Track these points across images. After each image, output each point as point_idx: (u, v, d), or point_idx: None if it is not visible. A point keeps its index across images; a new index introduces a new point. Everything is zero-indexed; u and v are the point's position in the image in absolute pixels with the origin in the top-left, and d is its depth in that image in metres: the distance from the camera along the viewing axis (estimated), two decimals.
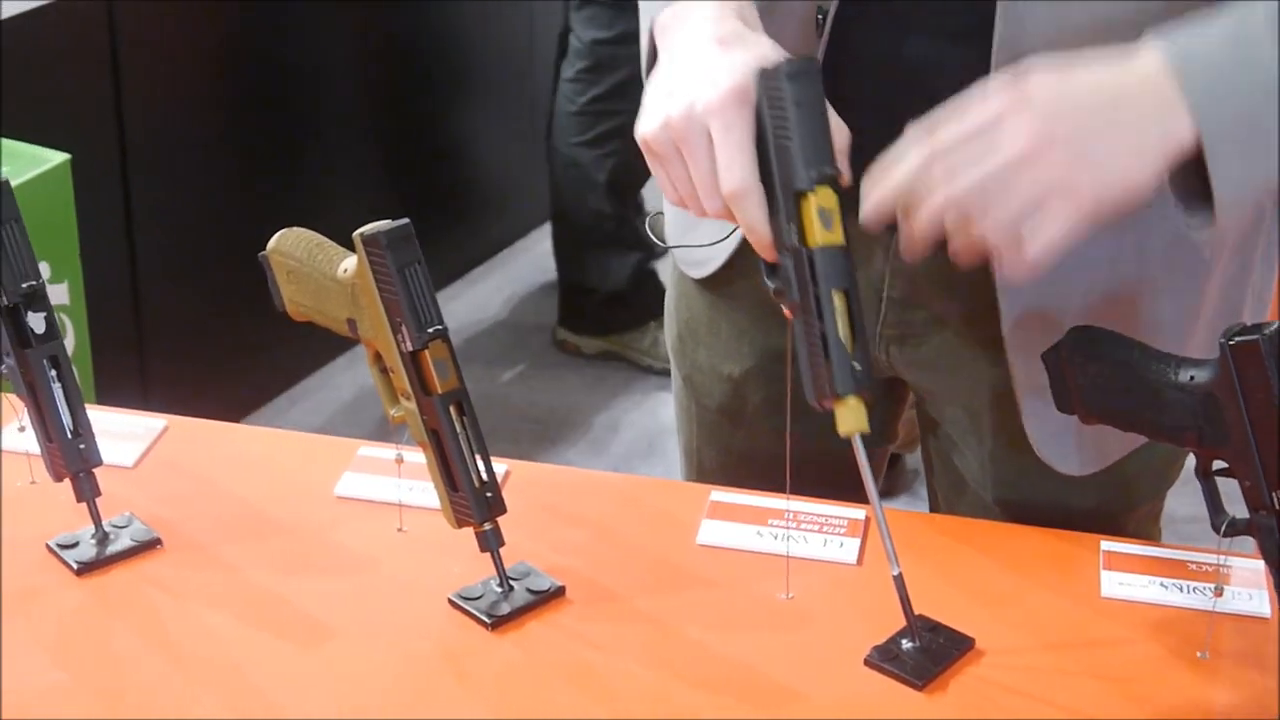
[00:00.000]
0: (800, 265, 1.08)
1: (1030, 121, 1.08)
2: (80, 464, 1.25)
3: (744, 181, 1.10)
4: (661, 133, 1.12)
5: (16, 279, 1.21)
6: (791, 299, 1.09)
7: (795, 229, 1.08)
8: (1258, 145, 1.10)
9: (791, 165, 1.08)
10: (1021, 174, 1.08)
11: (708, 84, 1.11)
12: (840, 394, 1.07)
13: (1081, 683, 1.15)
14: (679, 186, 1.14)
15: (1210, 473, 1.13)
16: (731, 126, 1.10)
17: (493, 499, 1.19)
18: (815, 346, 1.08)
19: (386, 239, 1.15)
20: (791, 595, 1.24)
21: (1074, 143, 1.08)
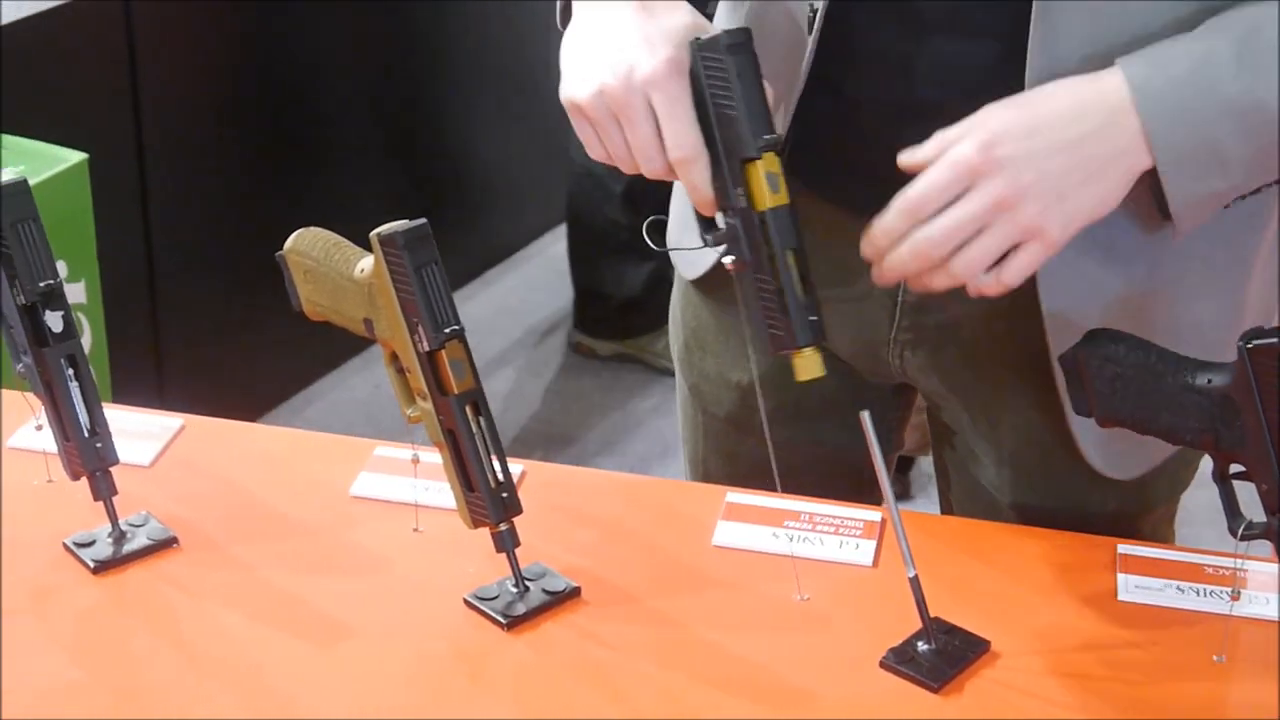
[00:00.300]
0: (750, 227, 1.15)
1: (999, 179, 1.13)
2: (97, 463, 1.25)
3: (693, 149, 1.16)
4: (597, 99, 1.17)
5: (34, 278, 1.21)
6: (741, 257, 1.16)
7: (744, 193, 1.14)
8: (1213, 167, 1.16)
9: (738, 135, 1.14)
10: (992, 224, 1.14)
11: (644, 53, 1.15)
12: (800, 345, 1.15)
13: (1097, 686, 1.15)
14: (613, 149, 1.19)
15: (1227, 476, 1.13)
16: (676, 98, 1.15)
17: (508, 499, 1.19)
18: (770, 302, 1.15)
19: (404, 239, 1.15)
20: (807, 597, 1.24)
21: (1043, 194, 1.14)
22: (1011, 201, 1.13)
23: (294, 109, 3.29)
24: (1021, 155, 1.13)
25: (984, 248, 1.15)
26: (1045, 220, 1.14)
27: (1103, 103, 1.15)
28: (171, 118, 2.98)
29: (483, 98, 3.81)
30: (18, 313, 1.22)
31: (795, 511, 1.32)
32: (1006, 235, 1.14)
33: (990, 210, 1.13)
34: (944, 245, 1.15)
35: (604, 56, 1.17)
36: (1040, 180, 1.13)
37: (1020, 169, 1.13)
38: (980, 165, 1.13)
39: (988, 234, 1.14)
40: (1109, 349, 1.15)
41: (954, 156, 1.14)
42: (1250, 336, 1.08)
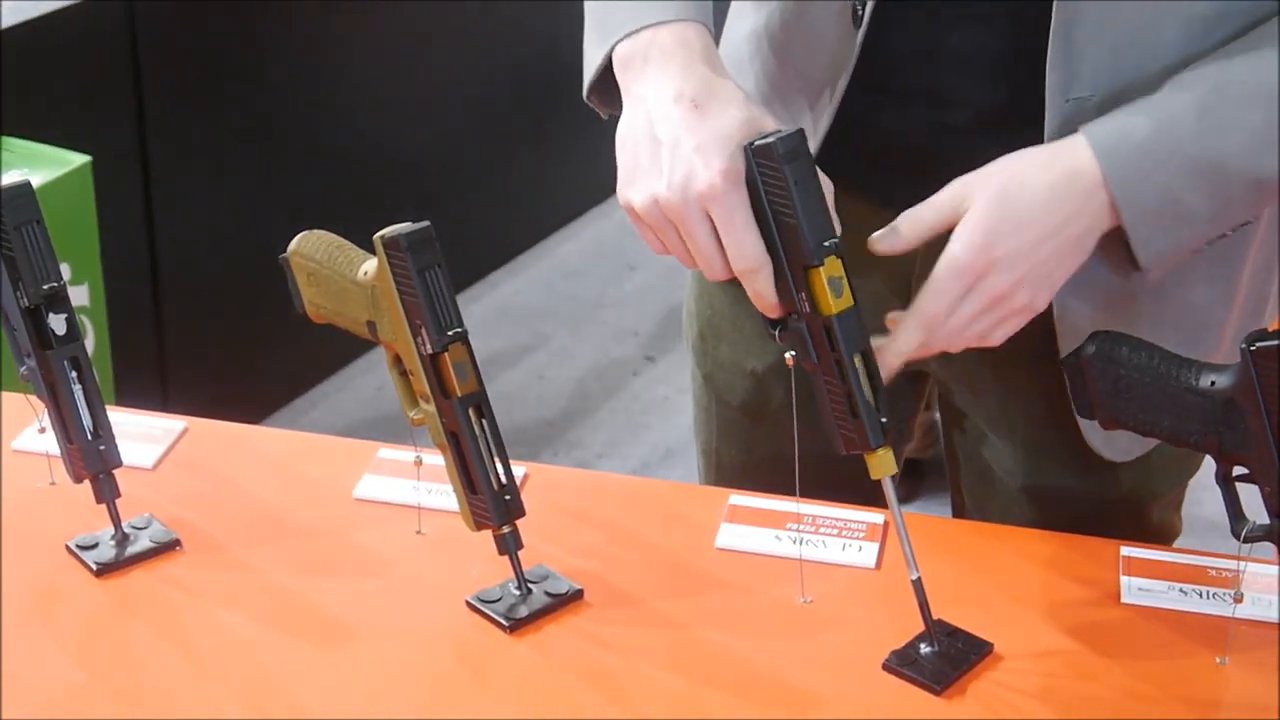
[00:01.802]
0: (817, 332, 1.15)
1: (998, 278, 1.18)
2: (100, 465, 1.25)
3: (755, 259, 1.15)
4: (652, 209, 1.17)
5: (38, 280, 1.21)
6: (809, 360, 1.16)
7: (808, 299, 1.14)
8: (1178, 222, 1.21)
9: (800, 242, 1.13)
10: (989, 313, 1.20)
11: (699, 164, 1.14)
12: (873, 447, 1.15)
13: (1100, 689, 1.15)
14: (675, 252, 1.19)
15: (1231, 479, 1.13)
16: (735, 209, 1.14)
17: (511, 502, 1.19)
18: (840, 405, 1.15)
19: (407, 241, 1.15)
20: (810, 599, 1.24)
21: (1035, 280, 1.19)
22: (1009, 293, 1.19)
23: (297, 111, 3.29)
24: (1014, 252, 1.18)
25: (979, 331, 1.21)
26: (1034, 300, 1.21)
27: (1078, 184, 1.19)
28: (175, 120, 2.98)
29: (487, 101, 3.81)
30: (21, 315, 1.22)
31: (799, 514, 1.32)
32: (1001, 318, 1.21)
33: (990, 304, 1.19)
34: (947, 342, 1.21)
35: (657, 163, 1.16)
36: (1032, 269, 1.19)
37: (1015, 265, 1.18)
38: (982, 269, 1.18)
39: (982, 319, 1.21)
40: (1112, 351, 1.15)
41: (958, 267, 1.18)
42: (1253, 339, 1.08)
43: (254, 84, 3.20)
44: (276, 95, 3.25)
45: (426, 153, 3.68)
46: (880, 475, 1.16)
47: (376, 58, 3.48)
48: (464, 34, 3.70)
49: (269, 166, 3.25)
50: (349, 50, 3.41)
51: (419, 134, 3.65)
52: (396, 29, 3.51)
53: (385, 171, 3.56)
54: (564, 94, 3.65)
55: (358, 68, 3.43)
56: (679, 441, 3.31)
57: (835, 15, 1.30)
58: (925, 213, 1.20)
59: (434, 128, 3.69)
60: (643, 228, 1.19)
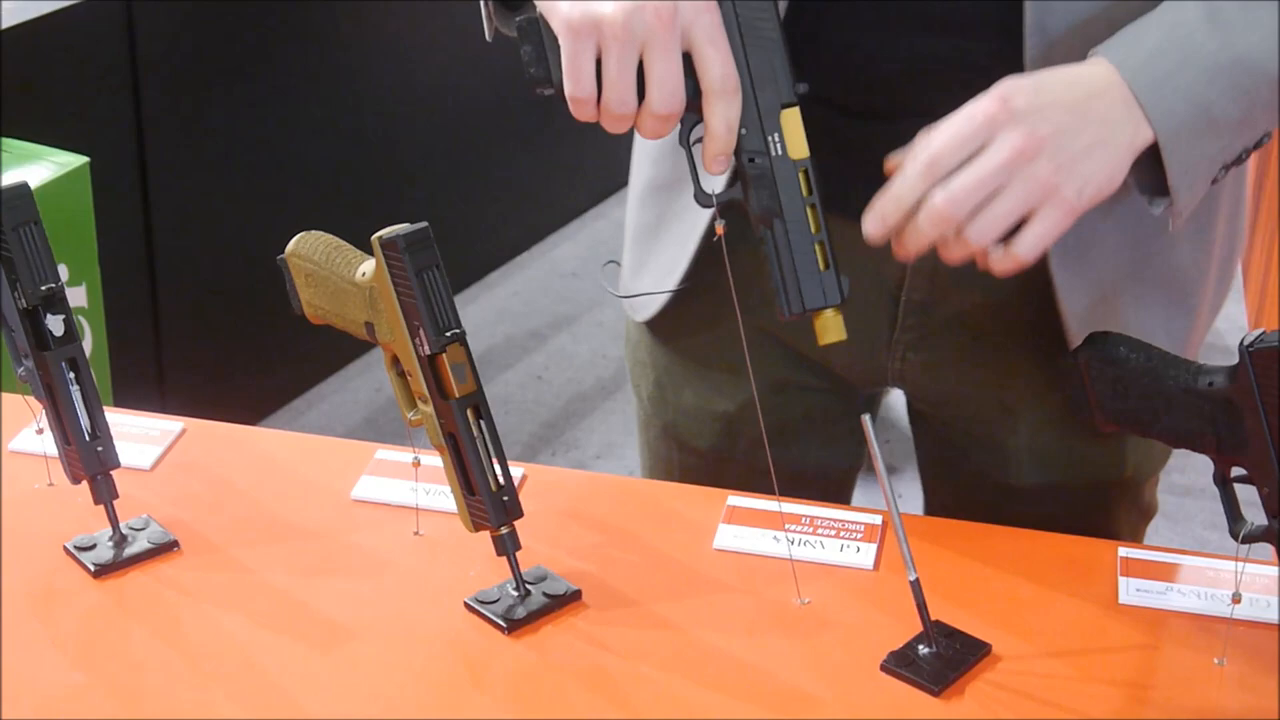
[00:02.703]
0: (789, 177, 1.12)
1: (1018, 129, 1.12)
2: (98, 466, 1.25)
3: (736, 80, 1.11)
4: (634, 15, 1.08)
5: (35, 281, 1.21)
6: (763, 210, 1.12)
7: (779, 141, 1.11)
8: (1205, 129, 1.16)
9: (777, 80, 1.11)
10: (1011, 181, 1.12)
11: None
12: (840, 301, 1.14)
13: (1099, 689, 1.15)
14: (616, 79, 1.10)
15: (1229, 479, 1.13)
16: (720, 26, 1.10)
17: (509, 503, 1.19)
18: (808, 258, 1.12)
19: (405, 242, 1.15)
20: (807, 600, 1.24)
21: (1058, 149, 1.12)
22: (1031, 152, 1.12)
23: (295, 112, 3.29)
24: (1035, 109, 1.13)
25: (1002, 208, 1.13)
26: (1061, 178, 1.12)
27: (1098, 76, 1.15)
28: (173, 121, 2.98)
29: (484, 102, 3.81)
30: (19, 316, 1.22)
31: (796, 515, 1.32)
32: (1025, 192, 1.12)
33: (1010, 161, 1.12)
34: (964, 204, 1.12)
35: None
36: (1056, 135, 1.12)
37: (1036, 121, 1.12)
38: (999, 115, 1.12)
39: (1005, 193, 1.12)
40: (1110, 351, 1.15)
41: (971, 110, 1.13)
42: (1251, 340, 1.08)
43: (252, 85, 3.20)
44: (275, 96, 3.25)
45: (425, 154, 3.68)
46: (828, 340, 1.14)
47: (375, 60, 3.48)
48: (463, 35, 3.70)
49: (267, 167, 3.25)
50: (347, 52, 3.41)
51: (417, 135, 3.65)
52: (395, 31, 3.51)
53: (383, 172, 3.56)
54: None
55: (356, 69, 3.43)
56: None
57: None
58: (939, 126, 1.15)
59: (433, 129, 3.69)
60: (587, 48, 1.09)
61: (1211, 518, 2.99)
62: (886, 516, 1.31)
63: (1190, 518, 3.03)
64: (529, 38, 1.14)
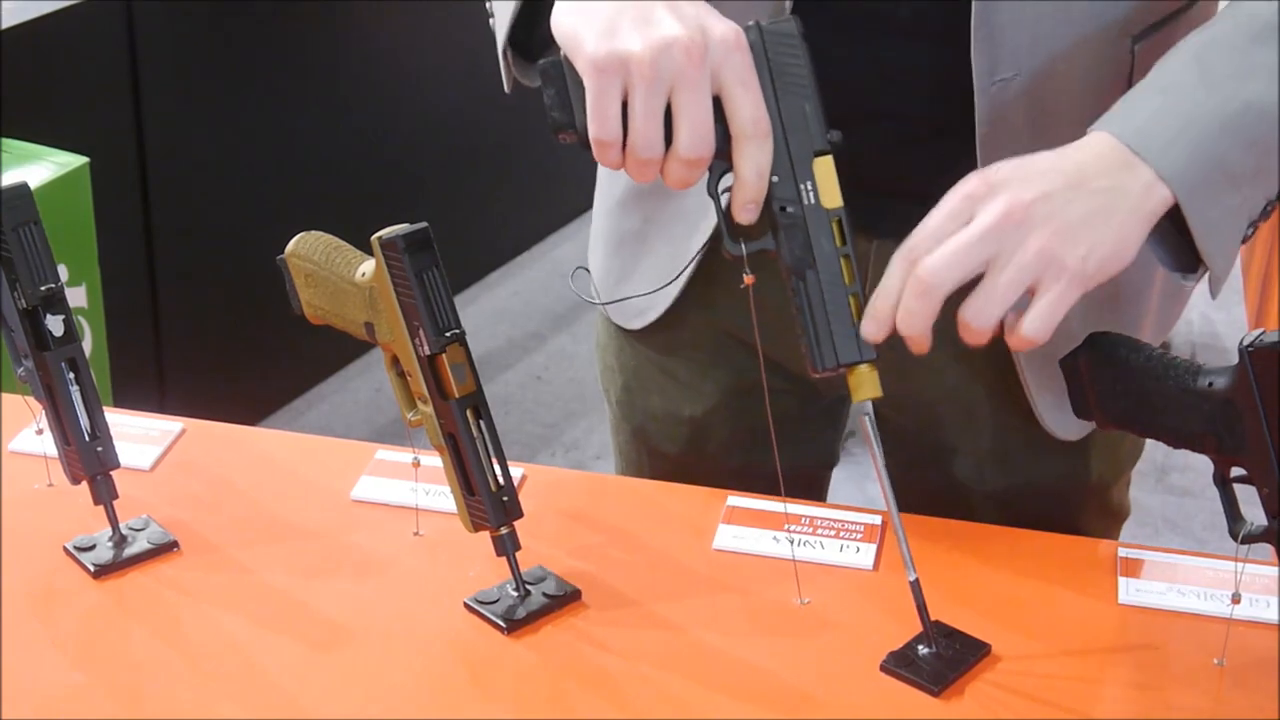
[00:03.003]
0: (819, 226, 1.08)
1: (1000, 197, 1.07)
2: (98, 466, 1.25)
3: (769, 124, 1.07)
4: (662, 54, 1.03)
5: (35, 281, 1.21)
6: (795, 260, 1.08)
7: (812, 189, 1.07)
8: (1227, 186, 1.12)
9: (809, 126, 1.08)
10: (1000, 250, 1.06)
11: (712, 18, 1.05)
12: (862, 359, 1.10)
13: (1098, 689, 1.15)
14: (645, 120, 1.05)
15: (1228, 480, 1.13)
16: (751, 66, 1.06)
17: (509, 503, 1.19)
18: (841, 310, 1.08)
19: (404, 243, 1.15)
20: (807, 600, 1.24)
21: (1049, 215, 1.07)
22: (1016, 217, 1.06)
23: (295, 113, 3.29)
24: (1018, 177, 1.08)
25: (999, 280, 1.06)
26: (1056, 244, 1.06)
27: (1089, 145, 1.12)
28: (173, 121, 2.98)
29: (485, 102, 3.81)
30: (18, 316, 1.22)
31: (796, 515, 1.33)
32: (1020, 263, 1.06)
33: (995, 226, 1.06)
34: (946, 271, 1.06)
35: (653, 16, 1.04)
36: (1043, 200, 1.07)
37: (1019, 188, 1.07)
38: (978, 190, 1.08)
39: (998, 265, 1.06)
40: (1110, 352, 1.15)
41: (951, 193, 1.09)
42: (1251, 339, 1.08)
43: (252, 85, 3.20)
44: (274, 96, 3.25)
45: (425, 154, 3.68)
46: (863, 397, 1.10)
47: (375, 60, 3.48)
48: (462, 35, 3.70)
49: (266, 168, 3.25)
50: (347, 52, 3.41)
51: (417, 135, 3.65)
52: (395, 31, 3.51)
53: (383, 172, 3.56)
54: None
55: (356, 69, 3.43)
56: None
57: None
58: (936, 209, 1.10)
59: (433, 129, 3.69)
60: (614, 86, 1.05)
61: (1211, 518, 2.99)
62: (886, 517, 1.31)
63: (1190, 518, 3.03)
64: (552, 81, 1.10)
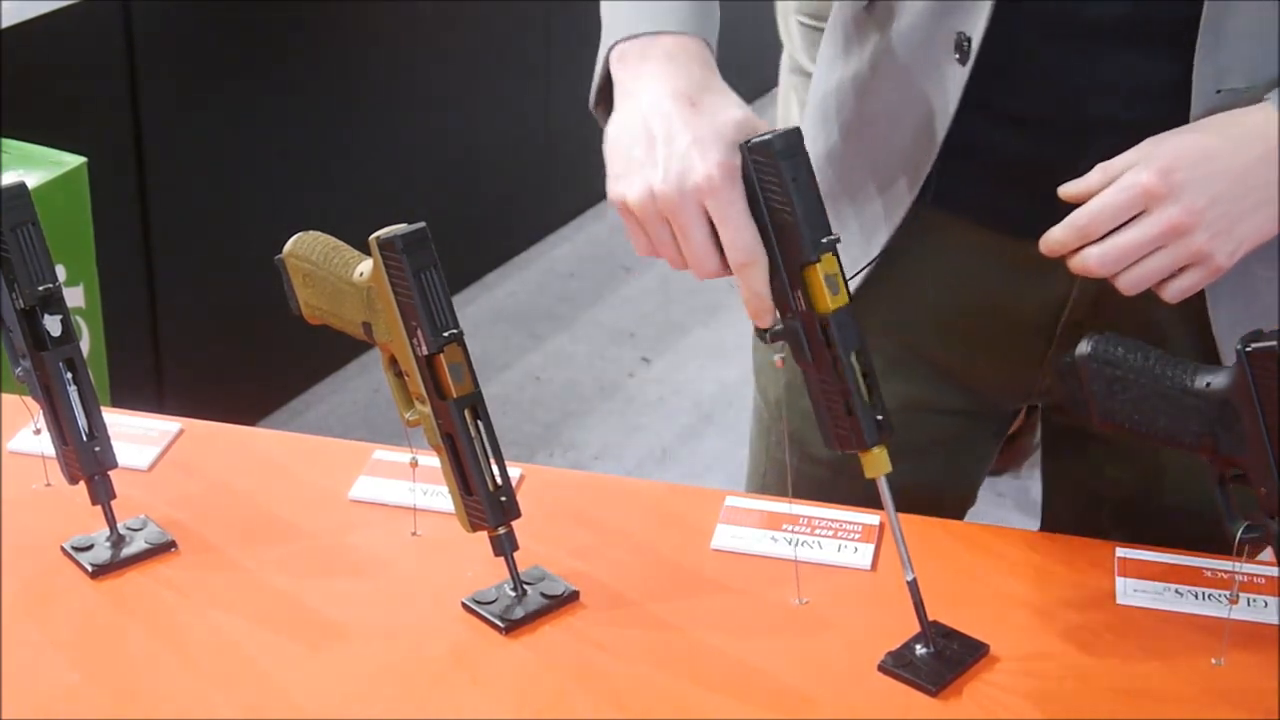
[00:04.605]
0: (813, 330, 1.13)
1: (1176, 205, 1.15)
2: (95, 467, 1.25)
3: (752, 253, 1.13)
4: (647, 203, 1.15)
5: (33, 281, 1.21)
6: (803, 359, 1.14)
7: (803, 297, 1.13)
8: None
9: (797, 239, 1.12)
10: (1163, 250, 1.17)
11: (696, 156, 1.13)
12: (869, 445, 1.14)
13: (1096, 690, 1.15)
14: (663, 251, 1.17)
15: (1226, 480, 1.13)
16: (731, 203, 1.13)
17: (507, 503, 1.19)
18: (835, 403, 1.14)
19: (402, 243, 1.15)
20: (805, 600, 1.24)
21: (1216, 218, 1.16)
22: (1186, 227, 1.15)
23: (293, 113, 3.29)
24: (1197, 182, 1.16)
25: (1152, 269, 1.17)
26: (1215, 246, 1.17)
27: (1268, 135, 1.17)
28: (171, 121, 2.98)
29: (482, 103, 3.81)
30: (16, 316, 1.22)
31: (794, 515, 1.33)
32: (1175, 259, 1.17)
33: (1164, 235, 1.16)
34: (1114, 265, 1.17)
35: (653, 157, 1.15)
36: (1213, 207, 1.16)
37: (1195, 196, 1.15)
38: (1157, 190, 1.15)
39: (1157, 256, 1.17)
40: (1108, 352, 1.15)
41: (1130, 181, 1.16)
42: (1249, 340, 1.08)
43: (250, 85, 3.20)
44: (273, 96, 3.24)
45: (423, 153, 3.68)
46: (875, 474, 1.15)
47: (374, 59, 3.48)
48: (462, 35, 3.70)
49: (265, 167, 3.25)
50: (346, 51, 3.41)
51: (416, 135, 3.65)
52: (394, 31, 3.51)
53: (382, 172, 3.56)
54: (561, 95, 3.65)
55: (355, 69, 3.43)
56: (675, 443, 3.31)
57: (926, 46, 1.28)
58: (1117, 161, 1.18)
59: (432, 129, 3.69)
60: (633, 225, 1.18)
61: None
62: (884, 517, 1.31)
63: None
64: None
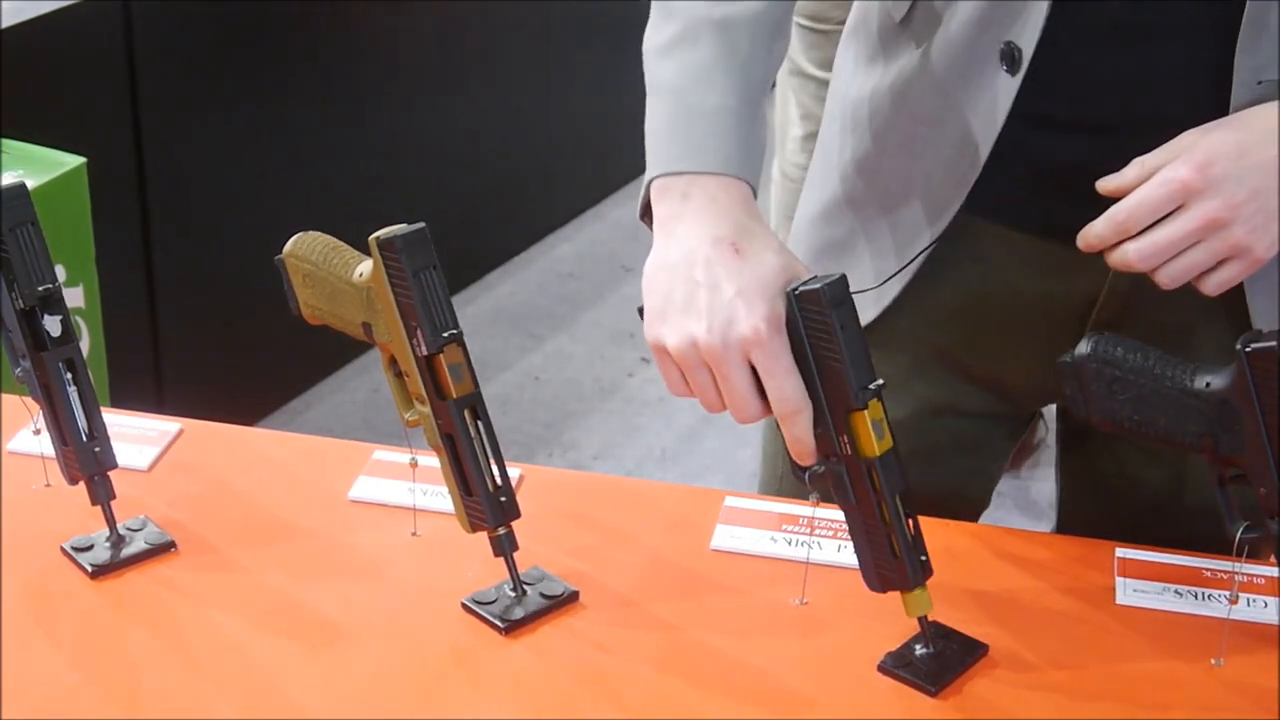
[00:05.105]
0: (858, 474, 1.13)
1: (1215, 200, 1.16)
2: (95, 467, 1.25)
3: (799, 403, 1.13)
4: (689, 351, 1.14)
5: (32, 282, 1.21)
6: (848, 503, 1.15)
7: (850, 441, 1.13)
8: None
9: (844, 386, 1.12)
10: (1202, 244, 1.17)
11: (742, 309, 1.13)
12: (912, 587, 1.15)
13: (1096, 690, 1.15)
14: (702, 395, 1.16)
15: (1226, 480, 1.13)
16: (779, 355, 1.13)
17: (507, 503, 1.19)
18: (879, 545, 1.15)
19: (402, 243, 1.15)
20: (805, 601, 1.24)
21: (1254, 213, 1.17)
22: (1224, 221, 1.16)
23: (293, 113, 3.29)
24: (1234, 175, 1.16)
25: (1191, 262, 1.18)
26: (1254, 240, 1.17)
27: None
28: (170, 121, 2.98)
29: (484, 103, 3.81)
30: (16, 317, 1.22)
31: (793, 515, 1.33)
32: (1214, 252, 1.18)
33: (1202, 229, 1.17)
34: (1154, 260, 1.18)
35: (695, 306, 1.14)
36: (1251, 200, 1.16)
37: (1233, 189, 1.16)
38: (1195, 185, 1.16)
39: (1196, 250, 1.18)
40: (1107, 352, 1.15)
41: (1168, 176, 1.17)
42: (1248, 340, 1.08)
43: (249, 85, 3.20)
44: (273, 96, 3.24)
45: (423, 154, 3.68)
46: (916, 614, 1.16)
47: (374, 59, 3.48)
48: (462, 35, 3.70)
49: (264, 168, 3.25)
50: (346, 52, 3.41)
51: (416, 135, 3.65)
52: (394, 30, 3.51)
53: (381, 172, 3.56)
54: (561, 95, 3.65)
55: (355, 69, 3.43)
56: (674, 443, 3.31)
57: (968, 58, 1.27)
58: (1153, 156, 1.18)
59: (431, 129, 3.68)
60: (668, 366, 1.17)
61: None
62: None
63: None
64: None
